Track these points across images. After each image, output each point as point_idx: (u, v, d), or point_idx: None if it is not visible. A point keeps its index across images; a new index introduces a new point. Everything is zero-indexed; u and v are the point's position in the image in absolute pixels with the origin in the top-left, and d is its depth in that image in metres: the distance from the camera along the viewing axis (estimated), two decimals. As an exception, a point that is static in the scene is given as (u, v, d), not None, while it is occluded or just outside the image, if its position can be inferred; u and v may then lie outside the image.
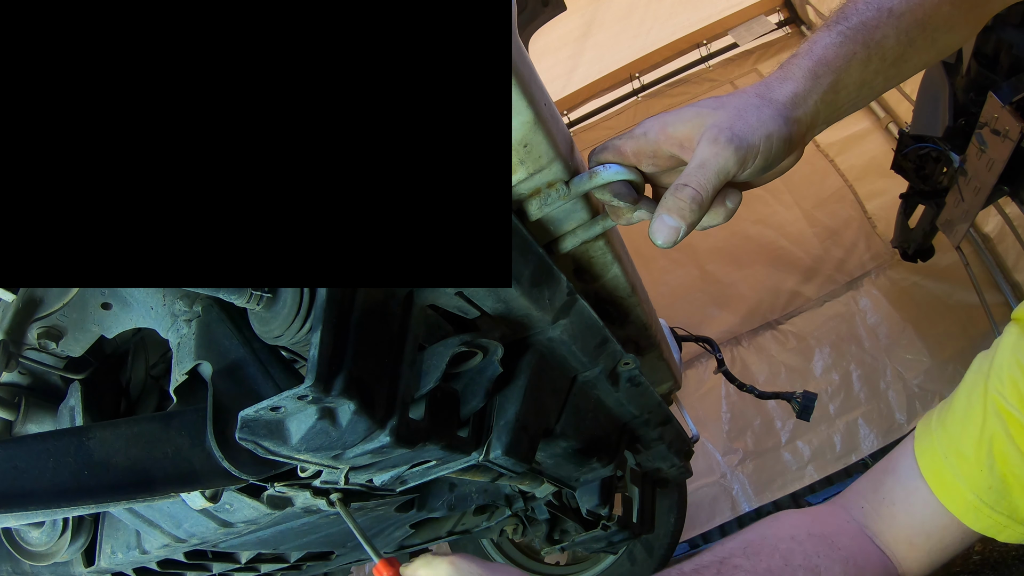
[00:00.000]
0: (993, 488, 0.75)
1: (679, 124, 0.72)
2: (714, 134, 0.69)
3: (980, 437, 0.76)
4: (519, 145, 0.70)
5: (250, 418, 0.64)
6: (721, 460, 4.16)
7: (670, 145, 0.73)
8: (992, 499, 0.75)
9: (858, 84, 0.76)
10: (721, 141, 0.68)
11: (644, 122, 0.76)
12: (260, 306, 0.70)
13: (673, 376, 1.62)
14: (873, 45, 0.74)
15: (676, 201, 0.69)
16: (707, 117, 0.70)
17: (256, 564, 1.24)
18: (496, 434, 0.86)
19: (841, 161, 4.45)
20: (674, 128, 0.72)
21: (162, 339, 0.88)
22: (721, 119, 0.69)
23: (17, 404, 0.99)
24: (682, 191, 0.69)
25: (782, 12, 4.76)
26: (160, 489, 0.78)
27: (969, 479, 0.76)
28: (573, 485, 1.20)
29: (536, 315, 0.84)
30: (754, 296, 4.41)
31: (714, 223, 0.75)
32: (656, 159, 0.76)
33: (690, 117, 0.71)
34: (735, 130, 0.69)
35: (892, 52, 0.75)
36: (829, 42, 0.74)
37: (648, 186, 0.80)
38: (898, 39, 0.75)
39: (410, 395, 0.72)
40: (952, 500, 0.78)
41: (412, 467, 0.82)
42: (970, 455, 0.76)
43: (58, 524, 1.04)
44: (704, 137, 0.69)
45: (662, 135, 0.73)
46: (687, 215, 0.69)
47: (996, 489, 0.75)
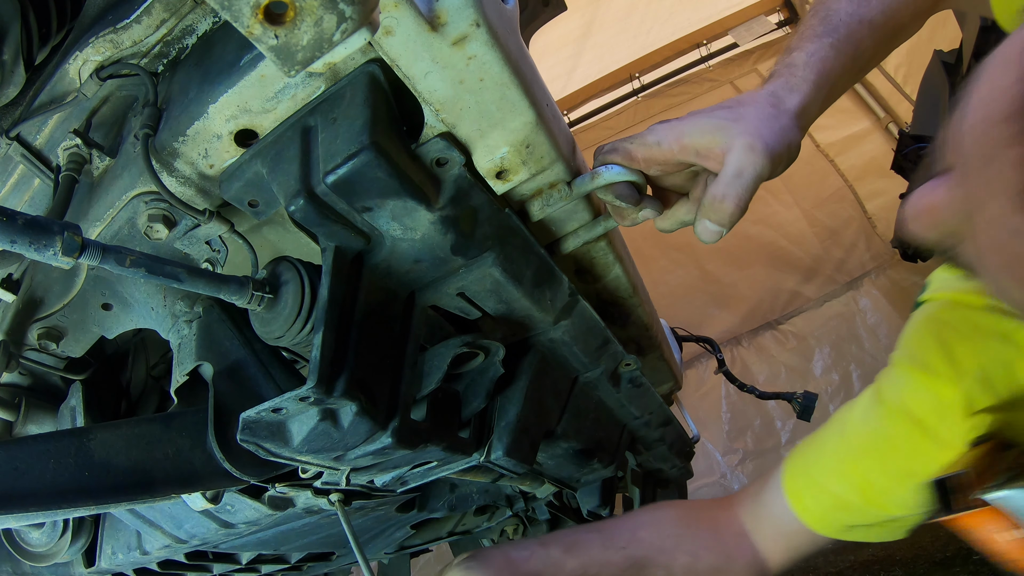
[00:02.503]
0: (835, 504, 0.94)
1: (697, 135, 0.72)
2: (750, 143, 0.70)
3: (824, 471, 0.95)
4: (521, 146, 0.70)
5: (251, 419, 0.64)
6: (721, 460, 4.16)
7: (686, 155, 0.74)
8: (834, 511, 0.95)
9: (841, 90, 0.81)
10: (758, 150, 0.70)
11: (655, 129, 0.76)
12: (261, 307, 0.70)
13: (674, 376, 1.61)
14: (857, 56, 0.79)
15: (721, 211, 0.72)
16: (731, 128, 0.71)
17: (257, 565, 1.24)
18: (497, 435, 0.86)
19: (841, 161, 4.46)
20: (691, 139, 0.73)
21: (163, 340, 0.88)
22: (750, 129, 0.71)
23: (17, 405, 0.98)
24: (725, 201, 0.71)
25: (782, 12, 4.75)
26: (161, 490, 0.78)
27: (817, 495, 0.96)
28: (574, 486, 1.20)
29: (538, 316, 0.84)
30: (754, 296, 4.41)
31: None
32: (665, 166, 0.76)
33: (710, 129, 0.72)
34: (767, 140, 0.70)
35: (866, 59, 0.81)
36: (825, 55, 0.77)
37: (649, 187, 0.80)
38: (874, 49, 0.81)
39: (412, 396, 0.71)
40: (802, 511, 0.98)
41: (413, 468, 0.82)
42: (820, 477, 0.96)
43: (58, 525, 1.03)
44: (738, 147, 0.70)
45: (677, 145, 0.74)
46: (727, 222, 0.73)
47: (837, 505, 0.94)
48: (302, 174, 0.64)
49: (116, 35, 0.71)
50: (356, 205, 0.64)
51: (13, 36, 0.69)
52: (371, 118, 0.61)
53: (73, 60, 0.73)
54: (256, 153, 0.68)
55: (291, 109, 0.66)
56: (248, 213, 0.73)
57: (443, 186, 0.69)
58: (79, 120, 0.77)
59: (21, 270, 0.88)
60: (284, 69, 0.49)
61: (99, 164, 0.78)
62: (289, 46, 0.48)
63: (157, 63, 0.75)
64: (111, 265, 0.58)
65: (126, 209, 0.74)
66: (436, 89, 0.63)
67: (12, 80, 0.73)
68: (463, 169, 0.69)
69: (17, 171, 0.84)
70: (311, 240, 0.70)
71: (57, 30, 0.75)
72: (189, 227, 0.76)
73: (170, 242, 0.77)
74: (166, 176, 0.70)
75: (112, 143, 0.77)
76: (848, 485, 0.93)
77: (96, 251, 0.57)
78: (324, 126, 0.64)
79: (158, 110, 0.70)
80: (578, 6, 3.65)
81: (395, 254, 0.70)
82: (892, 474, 0.90)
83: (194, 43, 0.73)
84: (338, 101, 0.64)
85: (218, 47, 0.68)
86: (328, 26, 0.47)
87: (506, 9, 0.67)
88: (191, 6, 0.70)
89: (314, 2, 0.46)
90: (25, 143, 0.80)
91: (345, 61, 0.62)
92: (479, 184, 0.72)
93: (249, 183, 0.70)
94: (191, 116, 0.67)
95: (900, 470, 0.89)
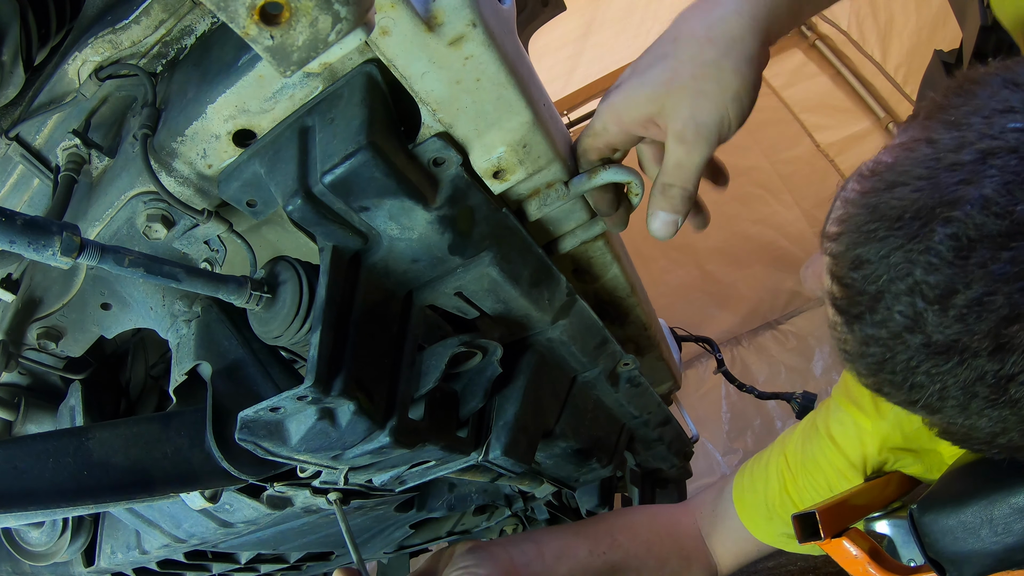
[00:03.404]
0: (772, 515, 1.04)
1: (633, 111, 0.69)
2: (679, 131, 0.65)
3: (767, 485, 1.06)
4: (518, 145, 0.70)
5: (249, 419, 0.64)
6: (721, 460, 4.16)
7: (636, 129, 0.70)
8: (772, 521, 1.05)
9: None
10: (688, 138, 0.66)
11: (601, 110, 0.72)
12: (259, 306, 0.70)
13: (673, 376, 1.61)
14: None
15: (667, 200, 0.70)
16: (663, 97, 0.65)
17: (256, 564, 1.24)
18: (495, 434, 0.86)
19: (841, 161, 4.45)
20: (629, 116, 0.69)
21: (162, 339, 0.89)
22: (680, 106, 0.65)
23: (17, 404, 0.99)
24: (670, 191, 0.69)
25: (782, 12, 4.75)
26: (160, 489, 0.79)
27: (759, 507, 1.06)
28: (573, 485, 1.20)
29: (535, 315, 0.84)
30: (754, 296, 4.40)
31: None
32: (626, 145, 0.74)
33: (643, 101, 0.67)
34: (698, 119, 0.65)
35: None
36: None
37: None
38: None
39: (409, 395, 0.72)
40: (748, 521, 1.08)
41: (411, 467, 0.82)
42: (762, 491, 1.06)
43: (58, 524, 1.04)
44: (671, 136, 0.66)
45: (618, 127, 0.71)
46: (680, 208, 0.71)
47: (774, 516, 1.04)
48: (300, 174, 0.64)
49: (115, 36, 0.71)
50: (354, 205, 0.65)
51: (12, 36, 0.69)
52: (368, 118, 0.61)
53: (72, 60, 0.73)
54: (254, 153, 0.69)
55: (289, 109, 0.67)
56: (246, 213, 0.73)
57: (440, 186, 0.69)
58: (78, 120, 0.77)
59: (20, 270, 0.89)
60: (280, 69, 0.49)
61: (98, 164, 0.78)
62: (285, 46, 0.48)
63: (156, 63, 0.75)
64: (110, 265, 0.58)
65: (125, 209, 0.74)
66: (433, 89, 0.63)
67: (11, 80, 0.73)
68: (460, 169, 0.69)
69: (16, 171, 0.84)
70: (309, 240, 0.70)
71: (56, 31, 0.75)
72: (188, 227, 0.76)
73: (169, 242, 0.78)
74: (165, 176, 0.70)
75: (111, 143, 0.78)
76: (784, 499, 1.03)
77: (95, 251, 0.57)
78: (322, 126, 0.64)
79: (157, 110, 0.71)
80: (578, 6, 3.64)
81: (393, 254, 0.70)
82: (819, 492, 1.00)
83: (192, 44, 0.73)
84: (336, 101, 0.64)
85: (216, 48, 0.68)
86: (323, 27, 0.47)
87: (503, 9, 0.67)
88: (189, 7, 0.70)
89: (309, 3, 0.46)
90: (24, 143, 0.80)
91: (342, 61, 0.63)
92: (476, 184, 0.72)
93: (247, 183, 0.70)
94: (189, 116, 0.67)
95: (824, 488, 0.99)
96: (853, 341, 0.56)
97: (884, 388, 0.57)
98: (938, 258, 0.47)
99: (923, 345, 0.50)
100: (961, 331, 0.48)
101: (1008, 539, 0.62)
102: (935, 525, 0.66)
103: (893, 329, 0.51)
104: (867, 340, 0.54)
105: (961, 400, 0.51)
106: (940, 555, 0.67)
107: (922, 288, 0.48)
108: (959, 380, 0.50)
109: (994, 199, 0.45)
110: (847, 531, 0.83)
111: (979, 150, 0.47)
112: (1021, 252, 0.45)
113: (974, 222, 0.46)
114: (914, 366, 0.52)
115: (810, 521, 0.80)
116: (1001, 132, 0.46)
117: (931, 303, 0.48)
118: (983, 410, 0.51)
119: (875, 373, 0.56)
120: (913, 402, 0.55)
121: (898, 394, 0.56)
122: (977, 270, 0.46)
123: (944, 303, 0.48)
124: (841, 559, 0.83)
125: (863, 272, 0.53)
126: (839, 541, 0.82)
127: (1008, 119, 0.47)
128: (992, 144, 0.46)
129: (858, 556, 0.81)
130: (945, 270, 0.47)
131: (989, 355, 0.48)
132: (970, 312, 0.47)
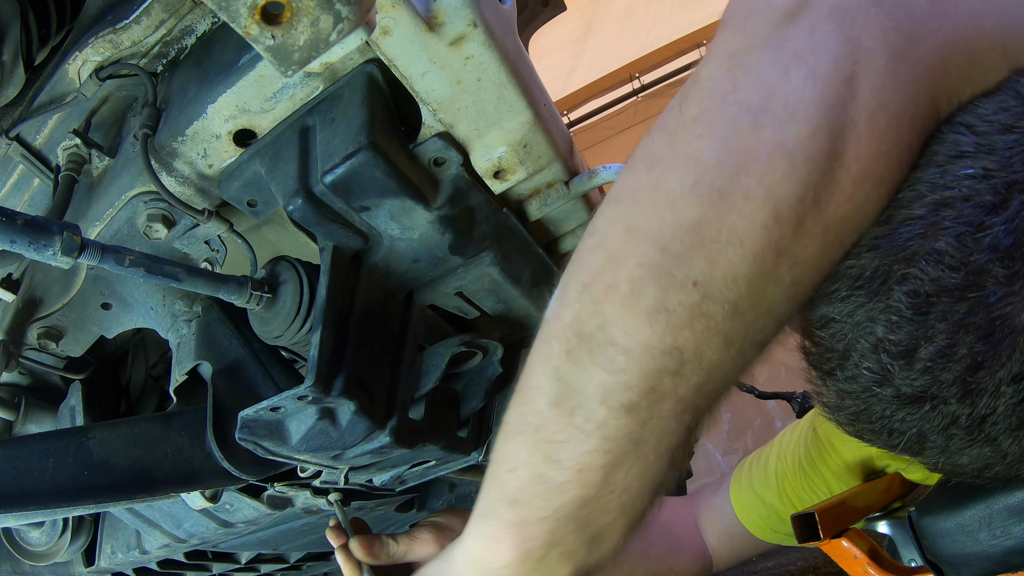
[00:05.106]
0: (769, 513, 1.07)
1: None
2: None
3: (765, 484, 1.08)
4: (519, 145, 0.70)
5: (250, 418, 0.64)
6: (721, 460, 4.16)
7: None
8: (769, 519, 1.07)
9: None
10: None
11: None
12: (260, 306, 0.70)
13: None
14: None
15: None
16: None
17: (256, 564, 1.24)
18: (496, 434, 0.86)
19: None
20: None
21: (162, 339, 0.89)
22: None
23: (17, 404, 0.99)
24: None
25: (782, 12, 4.74)
26: (160, 489, 0.79)
27: (756, 504, 1.09)
28: (573, 485, 1.20)
29: (536, 315, 0.84)
30: (754, 296, 4.40)
31: None
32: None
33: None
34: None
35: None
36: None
37: None
38: None
39: (410, 395, 0.72)
40: (744, 517, 1.11)
41: (412, 467, 0.82)
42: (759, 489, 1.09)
43: (58, 524, 1.04)
44: None
45: None
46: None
47: (771, 513, 1.06)
48: (300, 174, 0.64)
49: (115, 35, 0.71)
50: (354, 204, 0.65)
51: (13, 36, 0.69)
52: (369, 118, 0.61)
53: (72, 60, 0.73)
54: (255, 153, 0.69)
55: (289, 109, 0.67)
56: (247, 213, 0.73)
57: (441, 186, 0.69)
58: (79, 120, 0.77)
59: (21, 270, 0.89)
60: (281, 69, 0.49)
61: (98, 164, 0.78)
62: (286, 46, 0.48)
63: (156, 63, 0.75)
64: (110, 265, 0.58)
65: (125, 209, 0.74)
66: (434, 89, 0.63)
67: (12, 80, 0.73)
68: (461, 169, 0.69)
69: (17, 171, 0.84)
70: (310, 239, 0.70)
71: (57, 30, 0.75)
72: (188, 227, 0.76)
73: (169, 242, 0.78)
74: (165, 176, 0.70)
75: (111, 143, 0.78)
76: (781, 497, 1.06)
77: (95, 251, 0.57)
78: (322, 126, 0.64)
79: (157, 110, 0.71)
80: (578, 6, 3.64)
81: (393, 253, 0.70)
82: (816, 491, 1.02)
83: (193, 43, 0.73)
84: (336, 101, 0.64)
85: (217, 47, 0.68)
86: (324, 26, 0.47)
87: (504, 9, 0.67)
88: (190, 6, 0.70)
89: (311, 2, 0.46)
90: (25, 143, 0.80)
91: (343, 61, 0.63)
92: (477, 184, 0.72)
93: (248, 183, 0.70)
94: (190, 116, 0.67)
95: (823, 491, 1.01)
96: (828, 394, 0.57)
97: (865, 436, 0.58)
98: (898, 315, 0.48)
99: (894, 397, 0.51)
100: (929, 382, 0.48)
101: (1007, 542, 0.62)
102: (933, 528, 0.67)
103: (864, 384, 0.52)
104: (841, 394, 0.55)
105: (939, 442, 0.52)
106: (939, 557, 0.67)
107: (886, 345, 0.49)
108: (934, 425, 0.51)
109: (947, 252, 0.45)
110: (847, 531, 0.83)
111: (932, 202, 0.46)
112: (977, 303, 0.45)
113: (929, 277, 0.46)
114: (889, 415, 0.52)
115: (809, 522, 0.80)
116: (955, 180, 0.46)
117: (895, 358, 0.49)
118: (962, 449, 0.52)
119: (853, 423, 0.57)
120: (894, 446, 0.55)
121: (878, 440, 0.57)
122: (938, 323, 0.46)
123: (909, 358, 0.48)
124: (841, 559, 0.83)
125: (830, 331, 0.54)
126: (839, 541, 0.82)
127: (959, 165, 0.46)
128: (945, 195, 0.46)
129: (858, 556, 0.81)
130: (906, 327, 0.48)
131: (959, 400, 0.48)
132: (935, 364, 0.48)
